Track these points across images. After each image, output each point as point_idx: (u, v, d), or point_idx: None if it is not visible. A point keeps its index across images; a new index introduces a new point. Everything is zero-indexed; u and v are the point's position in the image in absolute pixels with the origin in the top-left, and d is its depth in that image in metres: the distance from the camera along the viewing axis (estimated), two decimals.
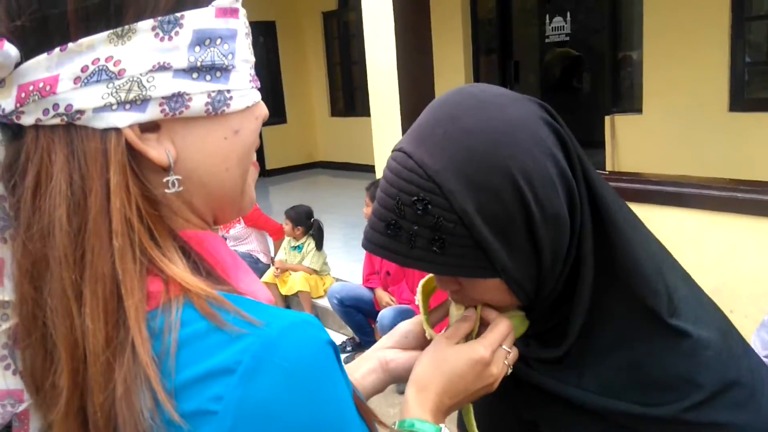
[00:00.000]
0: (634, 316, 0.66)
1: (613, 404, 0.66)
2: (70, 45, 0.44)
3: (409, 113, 3.59)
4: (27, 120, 0.46)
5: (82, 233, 0.45)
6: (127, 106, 0.46)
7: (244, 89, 0.50)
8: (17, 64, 0.45)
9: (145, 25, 0.45)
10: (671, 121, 5.33)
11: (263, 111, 0.55)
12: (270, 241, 4.70)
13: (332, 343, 0.48)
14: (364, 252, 3.44)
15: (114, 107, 0.45)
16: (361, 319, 3.31)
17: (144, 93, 0.46)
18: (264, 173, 8.92)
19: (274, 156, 8.96)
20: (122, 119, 0.46)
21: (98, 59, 0.44)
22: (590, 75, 6.58)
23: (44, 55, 0.44)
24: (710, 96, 5.09)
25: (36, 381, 0.47)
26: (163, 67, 0.46)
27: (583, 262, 0.66)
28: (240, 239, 4.57)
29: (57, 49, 0.44)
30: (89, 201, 0.45)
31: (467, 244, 0.61)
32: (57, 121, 0.45)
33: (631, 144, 5.81)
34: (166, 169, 0.48)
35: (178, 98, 0.47)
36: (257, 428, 0.42)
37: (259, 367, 0.42)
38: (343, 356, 3.43)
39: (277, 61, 8.89)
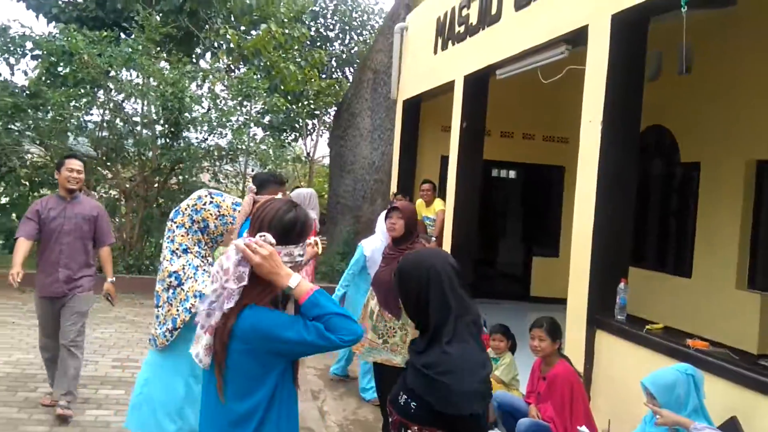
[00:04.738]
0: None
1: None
2: (290, 246, 1.92)
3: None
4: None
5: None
6: (292, 259, 1.93)
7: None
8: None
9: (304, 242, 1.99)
10: None
11: None
12: None
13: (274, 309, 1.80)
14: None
15: (292, 263, 1.92)
16: (511, 422, 4.00)
17: (295, 259, 1.94)
18: (527, 299, 9.79)
19: (540, 285, 9.81)
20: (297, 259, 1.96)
21: (291, 252, 1.92)
22: None
23: (282, 246, 1.89)
24: None
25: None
26: (291, 254, 1.94)
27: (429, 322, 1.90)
28: None
29: (286, 246, 1.91)
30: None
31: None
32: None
33: None
34: None
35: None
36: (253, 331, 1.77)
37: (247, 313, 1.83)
38: None
39: (561, 204, 9.92)
